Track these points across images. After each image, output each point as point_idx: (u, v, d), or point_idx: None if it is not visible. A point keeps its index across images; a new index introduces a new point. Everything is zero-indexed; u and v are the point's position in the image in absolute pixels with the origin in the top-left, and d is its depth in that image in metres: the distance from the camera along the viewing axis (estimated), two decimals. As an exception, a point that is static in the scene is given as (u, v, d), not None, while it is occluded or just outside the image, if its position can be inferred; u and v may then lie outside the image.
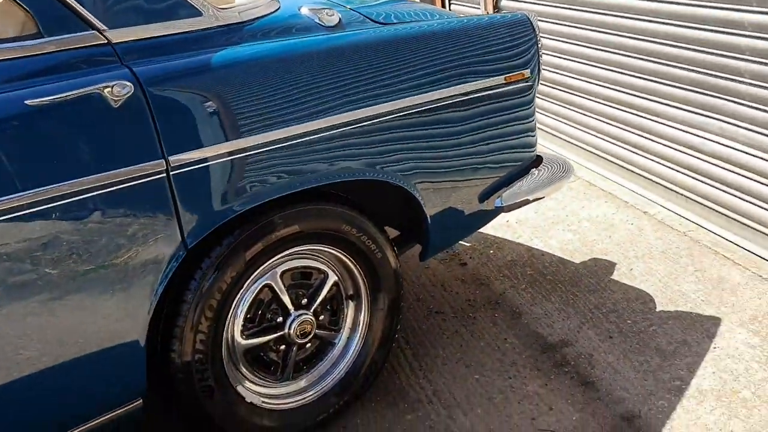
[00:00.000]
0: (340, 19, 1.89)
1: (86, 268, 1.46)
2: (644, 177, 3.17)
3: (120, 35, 1.51)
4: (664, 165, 3.05)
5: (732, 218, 2.72)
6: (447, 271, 2.86)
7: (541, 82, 2.36)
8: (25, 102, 1.36)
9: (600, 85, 3.37)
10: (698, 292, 2.49)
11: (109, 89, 1.42)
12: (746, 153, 2.63)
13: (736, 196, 2.69)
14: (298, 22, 1.82)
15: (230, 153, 1.60)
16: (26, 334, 1.43)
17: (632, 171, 3.25)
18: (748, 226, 2.64)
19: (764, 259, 2.59)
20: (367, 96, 1.81)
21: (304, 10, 1.87)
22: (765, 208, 2.56)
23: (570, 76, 3.58)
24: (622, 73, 3.19)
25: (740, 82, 2.57)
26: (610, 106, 3.32)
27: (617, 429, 1.96)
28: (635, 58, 3.08)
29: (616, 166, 3.36)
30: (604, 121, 3.40)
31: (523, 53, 2.16)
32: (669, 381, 2.10)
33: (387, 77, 1.85)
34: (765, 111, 2.49)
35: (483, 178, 2.16)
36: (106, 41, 1.49)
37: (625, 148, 3.27)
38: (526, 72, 2.17)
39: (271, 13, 1.80)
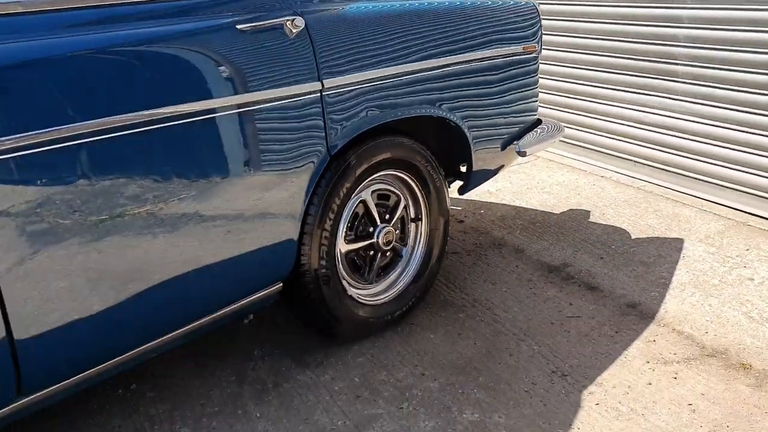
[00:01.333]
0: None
1: (265, 168, 1.88)
2: (597, 151, 3.86)
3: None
4: (612, 139, 3.74)
5: (674, 172, 3.43)
6: (449, 226, 3.38)
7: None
8: (237, 27, 1.79)
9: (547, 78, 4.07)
10: (661, 224, 3.16)
11: (290, 22, 1.88)
12: (682, 119, 3.35)
13: (676, 154, 3.40)
14: None
15: (361, 82, 2.08)
16: (211, 225, 1.83)
17: (586, 147, 3.93)
18: (688, 176, 3.36)
19: (704, 199, 3.30)
20: (424, 47, 2.32)
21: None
22: (701, 161, 3.28)
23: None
24: (570, 67, 3.90)
25: (676, 63, 3.31)
26: (564, 96, 4.01)
27: (625, 312, 2.53)
28: (583, 53, 3.79)
29: (572, 146, 4.03)
30: (558, 110, 4.08)
31: (534, 31, 2.77)
32: (655, 280, 2.72)
33: (455, 35, 2.38)
34: (698, 84, 3.22)
35: (508, 127, 2.73)
36: (273, -10, 1.94)
37: (578, 130, 3.96)
38: (536, 45, 2.77)
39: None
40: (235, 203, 1.83)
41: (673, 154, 3.42)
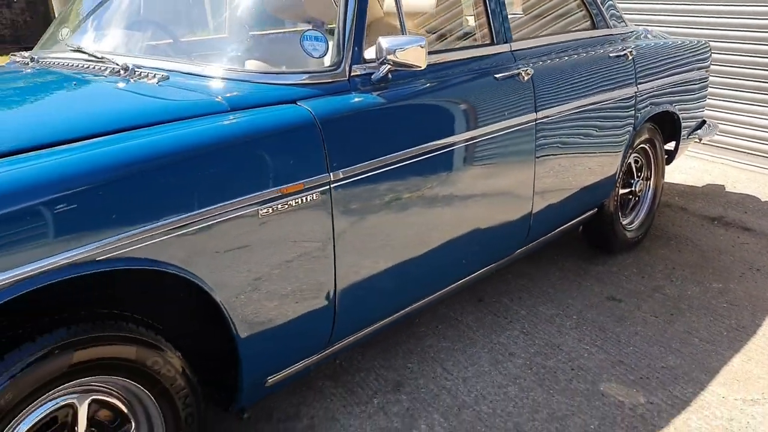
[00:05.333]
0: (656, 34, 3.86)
1: (610, 137, 3.29)
2: (715, 146, 5.32)
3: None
4: (728, 137, 5.20)
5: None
6: (625, 193, 4.79)
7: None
8: (609, 55, 3.21)
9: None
10: (780, 192, 4.63)
11: (629, 52, 3.31)
12: (789, 124, 4.82)
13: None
14: (648, 32, 3.77)
15: (648, 89, 3.50)
16: (574, 169, 3.23)
17: (706, 144, 5.38)
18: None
19: (806, 178, 4.77)
20: (670, 69, 3.76)
21: (640, 29, 3.83)
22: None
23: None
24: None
25: (787, 84, 4.78)
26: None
27: (776, 241, 3.97)
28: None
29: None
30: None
31: (708, 57, 4.21)
32: (789, 224, 4.17)
33: (677, 61, 3.82)
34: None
35: (693, 121, 4.16)
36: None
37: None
38: (710, 68, 4.23)
39: (635, 29, 3.74)
40: (594, 158, 3.24)
41: (779, 147, 4.89)
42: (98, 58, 2.30)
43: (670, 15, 5.49)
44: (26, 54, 2.63)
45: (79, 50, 2.40)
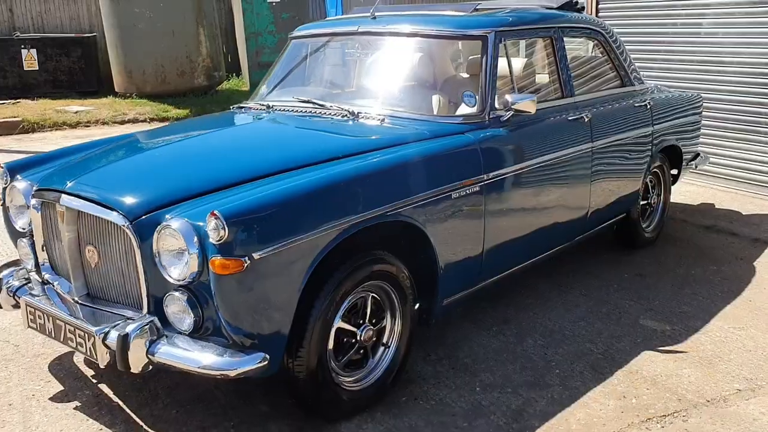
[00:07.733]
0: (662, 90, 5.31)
1: (634, 162, 4.71)
2: (704, 174, 6.75)
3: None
4: (716, 167, 6.64)
5: (752, 183, 6.33)
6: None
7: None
8: (635, 105, 4.66)
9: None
10: (756, 207, 6.01)
11: (648, 102, 4.75)
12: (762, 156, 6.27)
13: (760, 173, 6.31)
14: (658, 88, 5.23)
15: (660, 129, 4.93)
16: (613, 179, 4.63)
17: (699, 172, 6.82)
18: (761, 185, 6.26)
19: (777, 198, 6.21)
20: (675, 115, 5.19)
21: (652, 84, 5.28)
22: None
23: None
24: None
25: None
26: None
27: (754, 243, 5.33)
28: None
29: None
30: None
31: (701, 106, 5.67)
32: (765, 230, 5.57)
33: (679, 108, 5.26)
34: (774, 137, 6.15)
35: (691, 153, 5.59)
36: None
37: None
38: (702, 112, 5.68)
39: (649, 86, 5.18)
40: (626, 176, 4.64)
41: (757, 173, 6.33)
42: (327, 106, 3.69)
43: (670, 72, 6.99)
44: (263, 103, 4.01)
45: (309, 101, 3.78)
